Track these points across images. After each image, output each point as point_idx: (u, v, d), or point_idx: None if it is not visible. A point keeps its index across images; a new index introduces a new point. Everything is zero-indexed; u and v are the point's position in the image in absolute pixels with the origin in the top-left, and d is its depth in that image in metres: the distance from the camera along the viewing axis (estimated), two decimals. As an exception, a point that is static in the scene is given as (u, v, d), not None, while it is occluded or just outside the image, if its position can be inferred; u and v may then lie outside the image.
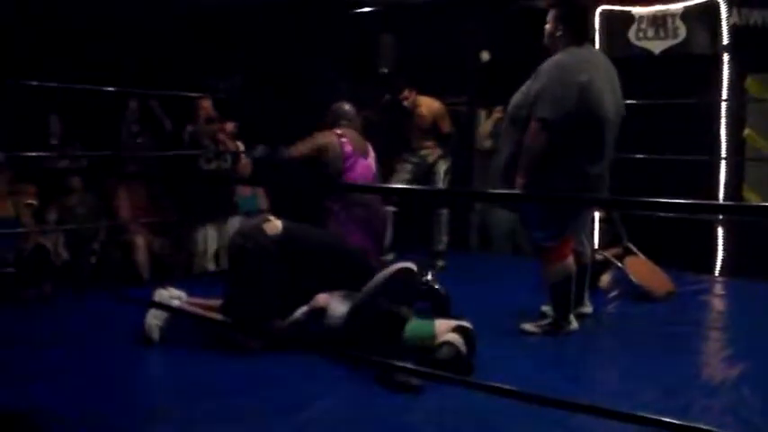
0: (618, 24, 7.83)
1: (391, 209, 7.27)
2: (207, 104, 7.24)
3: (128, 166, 7.85)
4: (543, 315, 4.98)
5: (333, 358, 4.16)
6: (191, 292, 4.86)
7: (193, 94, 7.36)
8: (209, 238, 7.18)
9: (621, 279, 6.05)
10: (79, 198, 6.93)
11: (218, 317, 4.50)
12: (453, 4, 8.12)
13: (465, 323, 4.23)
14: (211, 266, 7.20)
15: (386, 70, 8.45)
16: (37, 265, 6.10)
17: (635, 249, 6.30)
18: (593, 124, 4.63)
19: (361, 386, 3.84)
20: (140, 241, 6.79)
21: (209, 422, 3.40)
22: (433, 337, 4.15)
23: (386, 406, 3.64)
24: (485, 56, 8.55)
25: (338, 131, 5.64)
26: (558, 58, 4.73)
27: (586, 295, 5.27)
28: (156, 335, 4.51)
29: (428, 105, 7.23)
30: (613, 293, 5.99)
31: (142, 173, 7.95)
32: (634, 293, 5.88)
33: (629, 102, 5.22)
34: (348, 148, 5.60)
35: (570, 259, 4.88)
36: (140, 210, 7.18)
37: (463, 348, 4.06)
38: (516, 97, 4.87)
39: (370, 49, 8.62)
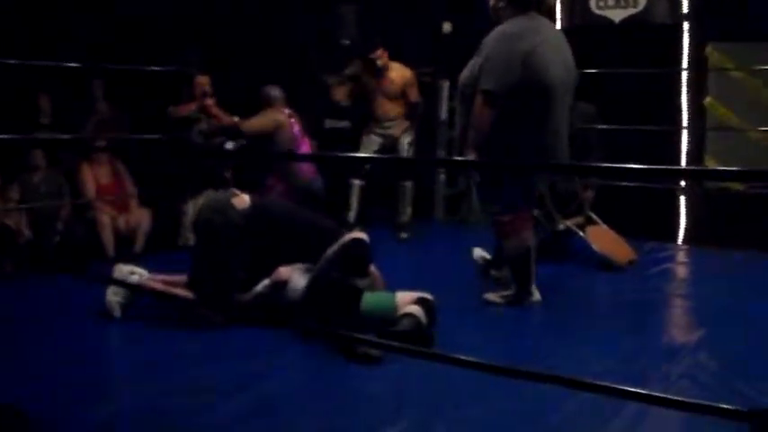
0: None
1: (358, 182, 7.26)
2: (204, 80, 7.18)
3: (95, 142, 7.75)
4: (498, 281, 5.11)
5: (294, 331, 4.14)
6: (164, 268, 4.82)
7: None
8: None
9: (583, 248, 6.07)
10: (43, 175, 6.82)
11: (182, 292, 4.47)
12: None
13: (426, 295, 4.25)
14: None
15: (347, 42, 8.38)
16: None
17: (597, 219, 6.32)
18: (539, 93, 4.61)
19: (323, 358, 3.85)
20: (105, 219, 6.70)
21: (165, 396, 3.37)
22: (394, 308, 4.18)
23: (346, 377, 3.66)
24: (446, 27, 8.49)
25: (287, 111, 5.76)
26: (500, 28, 4.72)
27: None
28: (117, 312, 4.49)
29: (399, 71, 7.23)
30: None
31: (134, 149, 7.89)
32: (596, 262, 5.90)
33: (589, 71, 5.21)
34: (296, 128, 5.97)
35: (528, 233, 4.88)
36: (105, 187, 7.07)
37: (424, 320, 4.09)
38: (464, 73, 4.85)
39: (331, 20, 8.54)
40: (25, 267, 6.07)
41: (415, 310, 4.08)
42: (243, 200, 4.57)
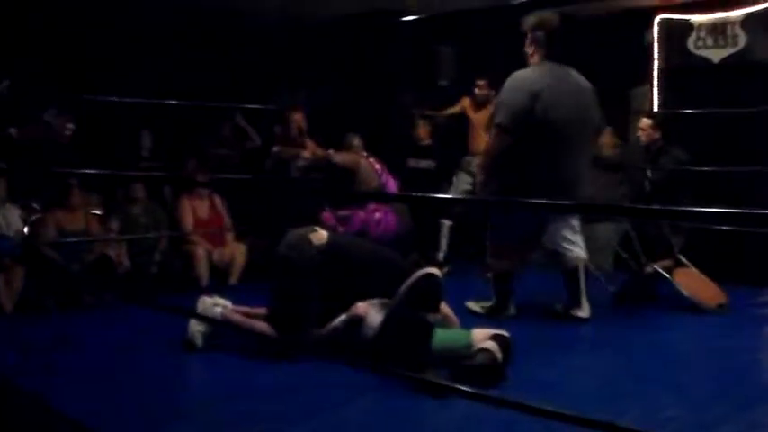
0: (676, 33, 7.73)
1: (447, 222, 7.32)
2: (299, 117, 7.39)
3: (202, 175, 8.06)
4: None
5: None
6: (255, 301, 4.94)
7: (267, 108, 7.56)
8: None
9: (671, 291, 5.97)
10: (143, 208, 7.11)
11: (262, 324, 4.60)
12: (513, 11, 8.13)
13: (502, 332, 4.26)
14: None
15: (445, 83, 8.48)
16: (99, 275, 6.30)
17: (686, 262, 6.21)
18: (547, 130, 5.19)
19: (392, 389, 3.87)
20: (200, 251, 6.93)
21: (234, 423, 3.50)
22: (469, 344, 4.20)
23: (415, 409, 3.70)
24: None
25: (363, 153, 6.03)
26: (518, 72, 5.41)
27: (584, 299, 5.50)
28: (199, 341, 4.65)
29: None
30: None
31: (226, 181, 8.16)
32: (684, 305, 5.81)
33: (688, 111, 5.27)
34: (378, 166, 6.19)
35: (511, 262, 5.55)
36: (202, 221, 7.32)
37: (499, 356, 4.10)
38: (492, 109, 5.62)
39: (428, 61, 8.67)
40: (123, 296, 6.32)
41: (491, 345, 4.11)
42: (320, 236, 4.68)
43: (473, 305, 5.67)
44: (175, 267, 7.00)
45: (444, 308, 4.49)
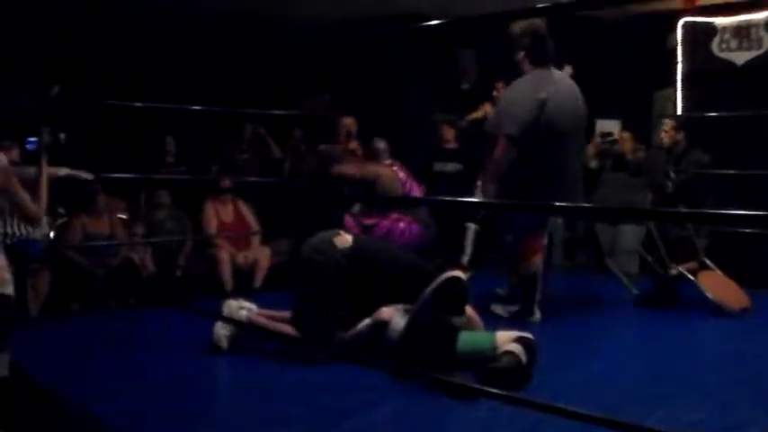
0: (700, 36, 7.71)
1: (473, 226, 7.32)
2: (350, 121, 7.44)
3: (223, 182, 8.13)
4: (505, 299, 5.76)
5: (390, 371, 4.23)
6: (278, 304, 4.96)
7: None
8: None
9: (696, 293, 5.96)
10: (168, 213, 7.19)
11: (287, 328, 4.63)
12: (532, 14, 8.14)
13: (526, 334, 4.26)
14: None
15: (467, 86, 8.49)
16: (124, 279, 6.37)
17: (711, 264, 6.20)
18: (553, 136, 5.32)
19: (416, 394, 3.90)
20: (224, 255, 6.98)
21: (262, 426, 3.54)
22: (494, 347, 4.20)
23: (437, 413, 3.72)
24: (567, 70, 8.50)
25: (387, 162, 6.12)
26: (520, 79, 5.53)
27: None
28: (224, 343, 4.68)
29: None
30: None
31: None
32: (708, 308, 5.80)
33: (712, 114, 5.28)
34: (402, 174, 6.17)
35: (538, 258, 5.62)
36: (227, 225, 7.37)
37: (524, 358, 4.10)
38: (491, 118, 5.79)
39: (449, 64, 8.68)
40: (148, 300, 6.38)
41: (515, 348, 4.11)
42: (345, 240, 4.70)
43: (498, 309, 5.71)
44: (200, 271, 7.07)
45: (469, 311, 4.50)
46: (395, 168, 6.28)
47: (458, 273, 4.37)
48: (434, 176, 8.16)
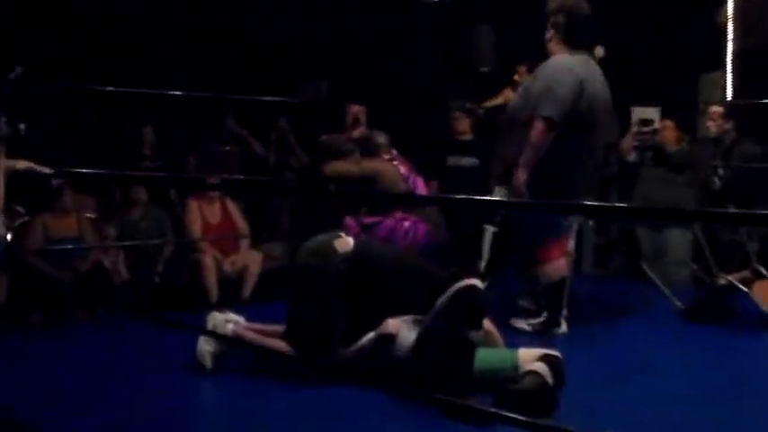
0: (755, 10, 7.64)
1: (491, 228, 7.28)
2: (358, 109, 7.44)
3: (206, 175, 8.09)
4: (528, 311, 5.66)
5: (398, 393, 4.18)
6: (270, 318, 4.92)
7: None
8: None
9: (749, 306, 5.91)
10: (144, 212, 7.14)
11: (280, 343, 4.59)
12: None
13: (553, 351, 4.22)
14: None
15: (486, 69, 8.45)
16: (94, 286, 6.33)
17: (765, 272, 6.14)
18: (587, 122, 5.44)
19: (426, 419, 3.84)
20: (209, 261, 6.92)
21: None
22: (516, 366, 4.16)
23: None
24: (599, 51, 8.45)
25: (386, 156, 6.17)
26: (556, 60, 5.57)
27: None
28: (208, 362, 4.64)
29: None
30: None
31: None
32: (763, 322, 5.75)
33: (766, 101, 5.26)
34: (403, 170, 6.23)
35: (564, 261, 5.65)
36: (212, 226, 7.32)
37: (550, 379, 4.05)
38: (515, 101, 5.82)
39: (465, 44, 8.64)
40: (120, 311, 6.33)
41: (540, 367, 4.07)
42: (346, 242, 4.66)
43: (520, 322, 5.68)
44: (181, 278, 7.02)
45: (487, 324, 4.45)
46: (395, 163, 6.29)
47: (474, 281, 4.31)
48: (448, 172, 8.11)
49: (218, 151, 8.31)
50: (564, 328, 5.61)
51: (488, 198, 6.74)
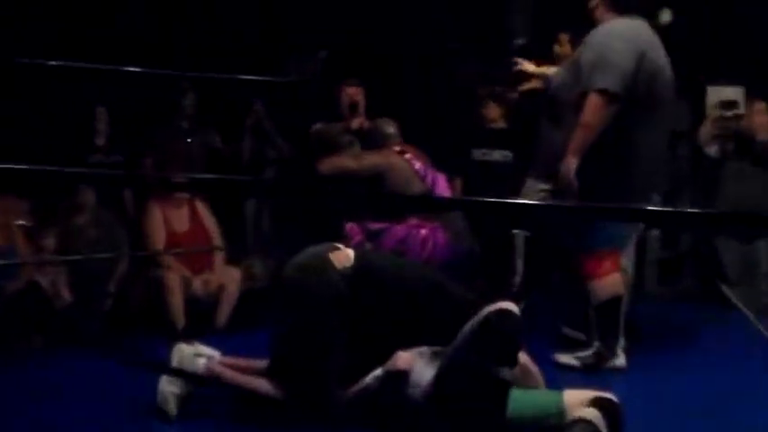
0: None
1: (522, 234, 7.28)
2: (353, 90, 7.46)
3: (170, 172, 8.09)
4: (576, 342, 5.77)
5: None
6: (251, 351, 4.92)
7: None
8: None
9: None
10: (91, 218, 7.11)
11: (262, 382, 4.57)
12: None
13: (607, 395, 4.21)
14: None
15: (521, 42, 8.46)
16: (27, 311, 6.31)
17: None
18: (650, 103, 5.48)
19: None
20: (174, 280, 6.91)
21: None
22: (561, 412, 4.16)
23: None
24: (665, 16, 8.45)
25: (396, 149, 6.29)
26: (609, 26, 5.64)
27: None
28: (172, 407, 4.61)
29: None
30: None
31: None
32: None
33: None
34: (418, 165, 6.27)
35: (619, 275, 5.67)
36: (179, 235, 7.32)
37: (604, 430, 4.06)
38: (561, 75, 5.80)
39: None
40: (62, 341, 6.31)
41: (592, 414, 4.08)
42: (344, 255, 4.65)
43: (566, 357, 5.66)
44: (139, 302, 7.01)
45: (523, 358, 4.42)
46: (408, 157, 6.29)
47: (508, 304, 4.28)
48: (475, 167, 8.10)
49: (176, 145, 8.27)
50: (621, 361, 5.57)
51: (527, 201, 6.79)
